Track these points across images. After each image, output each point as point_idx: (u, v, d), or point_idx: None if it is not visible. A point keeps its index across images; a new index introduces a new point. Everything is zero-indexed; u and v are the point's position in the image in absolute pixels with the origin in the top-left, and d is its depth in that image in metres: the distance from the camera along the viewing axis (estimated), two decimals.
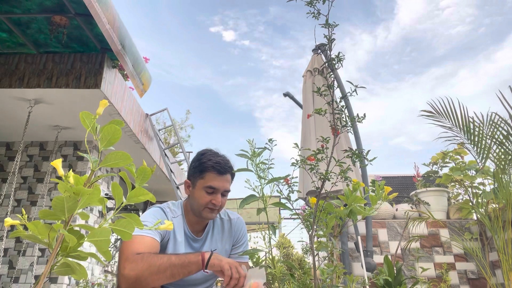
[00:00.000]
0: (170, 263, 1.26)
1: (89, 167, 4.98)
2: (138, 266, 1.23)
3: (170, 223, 0.82)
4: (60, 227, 0.71)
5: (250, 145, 1.89)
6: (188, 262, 1.28)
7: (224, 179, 1.50)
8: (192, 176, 1.55)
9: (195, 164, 1.54)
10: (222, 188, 1.50)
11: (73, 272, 0.79)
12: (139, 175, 0.83)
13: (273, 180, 1.57)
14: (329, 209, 1.99)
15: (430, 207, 3.92)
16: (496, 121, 3.14)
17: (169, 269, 1.25)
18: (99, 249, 0.76)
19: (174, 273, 1.26)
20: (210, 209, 1.50)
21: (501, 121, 3.08)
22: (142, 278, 1.23)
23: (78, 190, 0.73)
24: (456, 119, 3.31)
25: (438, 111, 3.40)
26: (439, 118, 3.43)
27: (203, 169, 1.50)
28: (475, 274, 3.69)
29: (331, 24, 2.01)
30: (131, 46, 3.97)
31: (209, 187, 1.48)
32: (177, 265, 1.27)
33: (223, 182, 1.50)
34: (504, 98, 3.00)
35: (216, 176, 1.49)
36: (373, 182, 1.73)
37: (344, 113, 1.99)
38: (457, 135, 3.35)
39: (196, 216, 1.56)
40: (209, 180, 1.48)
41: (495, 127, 3.13)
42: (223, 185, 1.50)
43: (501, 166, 3.11)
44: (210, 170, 1.48)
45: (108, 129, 0.79)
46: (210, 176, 1.48)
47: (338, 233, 3.01)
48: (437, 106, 3.42)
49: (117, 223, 0.77)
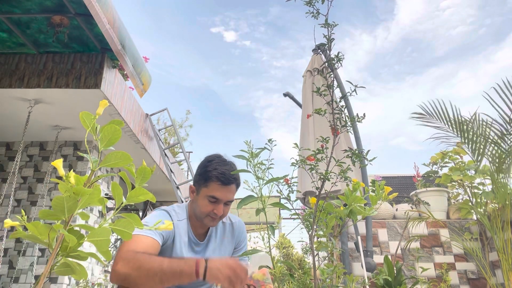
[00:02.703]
0: (161, 269, 1.19)
1: (89, 167, 4.98)
2: (130, 264, 1.20)
3: (170, 223, 0.82)
4: (60, 227, 0.71)
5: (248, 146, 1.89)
6: (180, 271, 1.18)
7: (228, 189, 1.48)
8: (197, 183, 1.53)
9: (201, 171, 1.52)
10: (225, 199, 1.49)
11: (73, 272, 0.79)
12: (139, 175, 0.83)
13: (272, 180, 1.57)
14: (329, 209, 1.99)
15: (430, 207, 3.92)
16: (486, 121, 3.16)
17: (158, 275, 1.18)
18: (99, 249, 0.76)
19: (164, 280, 1.19)
20: (211, 217, 1.49)
21: (492, 121, 3.09)
22: (131, 278, 1.19)
23: (78, 190, 0.73)
24: (449, 120, 3.32)
25: (429, 113, 3.42)
26: (430, 119, 3.44)
27: (207, 178, 1.48)
28: (475, 274, 3.69)
29: (331, 24, 2.01)
30: (131, 46, 3.97)
31: (212, 196, 1.46)
32: (167, 273, 1.18)
33: (227, 192, 1.48)
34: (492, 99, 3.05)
35: (220, 187, 1.47)
36: (373, 182, 1.73)
37: (344, 113, 1.99)
38: (450, 135, 3.36)
39: (198, 220, 1.55)
40: (212, 190, 1.47)
41: (488, 127, 3.14)
42: (226, 196, 1.48)
43: (497, 166, 3.11)
44: (214, 180, 1.46)
45: (108, 129, 0.79)
46: (214, 186, 1.47)
47: (338, 233, 3.01)
48: (428, 108, 3.45)
49: (117, 223, 0.77)
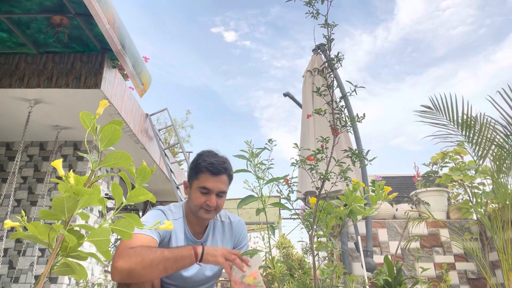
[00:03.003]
0: (163, 257, 1.26)
1: (89, 167, 4.98)
2: (131, 259, 1.23)
3: (170, 223, 0.82)
4: (60, 227, 0.71)
5: (248, 146, 1.89)
6: (181, 256, 1.28)
7: (218, 179, 1.50)
8: (189, 177, 1.57)
9: (192, 165, 1.56)
10: (216, 189, 1.50)
11: (73, 272, 0.79)
12: (139, 175, 0.83)
13: (272, 180, 1.57)
14: (329, 209, 1.99)
15: (430, 207, 3.92)
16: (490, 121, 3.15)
17: (162, 263, 1.25)
18: (99, 249, 0.76)
19: (167, 267, 1.26)
20: (205, 210, 1.51)
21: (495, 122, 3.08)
22: (135, 271, 1.22)
23: (78, 190, 0.73)
24: (453, 117, 3.30)
25: (437, 107, 3.38)
26: (437, 114, 3.41)
27: (197, 170, 1.51)
28: (475, 274, 3.69)
29: (330, 24, 2.01)
30: (131, 46, 3.97)
31: (203, 187, 1.49)
32: (170, 259, 1.26)
33: (217, 183, 1.50)
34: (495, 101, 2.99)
35: (210, 177, 1.49)
36: (373, 182, 1.73)
37: (344, 113, 1.98)
38: (451, 133, 3.34)
39: (194, 217, 1.56)
40: (203, 181, 1.49)
41: (493, 129, 3.13)
42: (216, 185, 1.50)
43: (499, 166, 3.11)
44: (204, 171, 1.49)
45: (108, 129, 0.79)
46: (204, 177, 1.49)
47: (338, 233, 3.01)
48: (436, 102, 3.39)
49: (117, 223, 0.77)
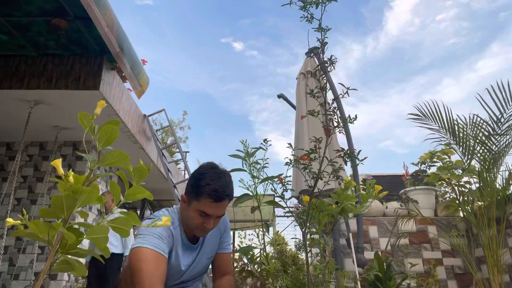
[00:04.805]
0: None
1: (88, 167, 5.06)
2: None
3: (168, 219, 0.85)
4: (59, 225, 0.73)
5: (244, 146, 1.96)
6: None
7: (220, 205, 1.44)
8: (189, 195, 1.48)
9: (193, 183, 1.47)
10: (216, 215, 1.46)
11: (73, 269, 0.81)
12: (136, 173, 0.85)
13: (267, 179, 1.65)
14: (321, 207, 2.08)
15: (418, 205, 4.03)
16: (476, 122, 3.29)
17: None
18: (97, 246, 0.79)
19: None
20: (201, 229, 1.48)
21: (482, 122, 3.23)
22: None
23: (77, 189, 0.75)
24: (442, 121, 3.43)
25: (425, 114, 3.53)
26: (426, 120, 3.55)
27: (199, 193, 1.43)
28: (461, 269, 3.80)
29: (324, 28, 2.11)
30: (129, 48, 4.05)
31: (203, 212, 1.44)
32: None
33: (218, 209, 1.45)
34: (484, 101, 3.16)
35: (212, 203, 1.42)
36: (364, 181, 1.81)
37: (336, 114, 2.08)
38: (443, 136, 3.48)
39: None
40: (203, 206, 1.43)
41: (477, 128, 3.28)
42: (217, 211, 1.45)
43: (485, 166, 3.24)
44: (206, 197, 1.41)
45: (105, 129, 0.82)
46: (205, 203, 1.42)
47: (330, 230, 3.10)
48: (423, 109, 3.54)
49: (115, 221, 0.79)
